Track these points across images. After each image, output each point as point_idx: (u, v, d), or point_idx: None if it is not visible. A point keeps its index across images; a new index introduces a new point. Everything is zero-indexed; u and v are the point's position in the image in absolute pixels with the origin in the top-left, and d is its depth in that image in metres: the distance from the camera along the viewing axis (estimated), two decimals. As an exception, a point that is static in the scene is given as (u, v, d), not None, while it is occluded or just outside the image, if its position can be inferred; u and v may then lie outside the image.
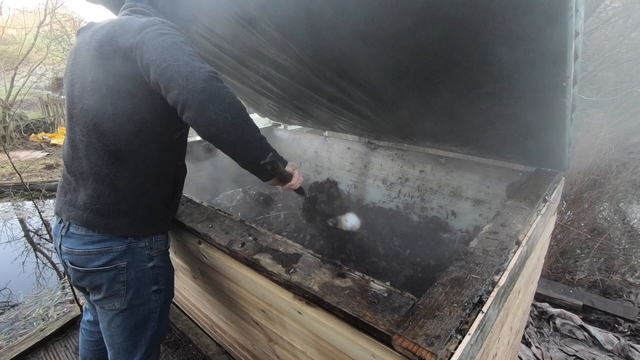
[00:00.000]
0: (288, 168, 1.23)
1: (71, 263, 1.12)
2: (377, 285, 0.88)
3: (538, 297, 2.76)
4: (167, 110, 1.04)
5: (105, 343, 1.25)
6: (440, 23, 0.97)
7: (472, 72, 1.11)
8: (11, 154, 5.77)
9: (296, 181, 1.24)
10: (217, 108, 0.94)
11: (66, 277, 1.26)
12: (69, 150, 1.14)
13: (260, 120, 3.05)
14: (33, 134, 7.95)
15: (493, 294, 0.83)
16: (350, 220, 1.47)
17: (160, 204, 1.19)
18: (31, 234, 4.43)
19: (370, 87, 1.49)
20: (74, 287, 1.35)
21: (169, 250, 1.57)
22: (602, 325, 2.59)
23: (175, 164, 1.22)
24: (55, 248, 1.19)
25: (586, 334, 2.42)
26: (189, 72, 0.92)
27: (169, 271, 1.29)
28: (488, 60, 1.03)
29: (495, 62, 1.02)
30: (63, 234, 1.13)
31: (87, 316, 1.48)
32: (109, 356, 1.26)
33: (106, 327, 1.21)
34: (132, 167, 1.09)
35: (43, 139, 7.76)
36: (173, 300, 2.30)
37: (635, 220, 3.76)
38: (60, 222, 1.16)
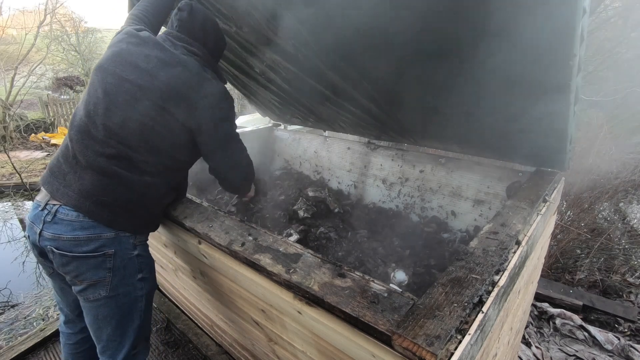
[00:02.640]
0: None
1: (57, 248, 1.12)
2: (377, 285, 0.88)
3: (538, 297, 2.76)
4: (191, 150, 1.30)
5: (93, 337, 1.26)
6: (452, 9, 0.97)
7: (477, 59, 1.11)
8: (11, 154, 5.77)
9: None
10: (240, 190, 1.59)
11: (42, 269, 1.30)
12: (82, 139, 1.15)
13: (260, 120, 3.05)
14: (33, 134, 7.95)
15: (493, 294, 0.83)
16: (399, 277, 1.61)
17: (158, 209, 1.32)
18: (31, 234, 4.43)
19: (377, 77, 1.48)
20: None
21: (165, 251, 1.58)
22: (602, 325, 2.59)
23: (182, 182, 1.41)
24: (29, 235, 1.18)
25: (586, 334, 2.42)
26: (234, 151, 1.39)
27: (151, 261, 1.33)
28: (492, 41, 1.01)
29: (499, 42, 1.00)
30: (48, 220, 1.12)
31: (62, 318, 1.48)
32: (97, 350, 1.27)
33: (93, 321, 1.21)
34: (151, 179, 1.21)
35: (43, 139, 7.76)
36: (173, 300, 2.30)
37: (635, 220, 3.76)
38: (42, 209, 1.14)
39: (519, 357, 2.25)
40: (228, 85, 2.60)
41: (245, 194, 1.69)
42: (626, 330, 2.54)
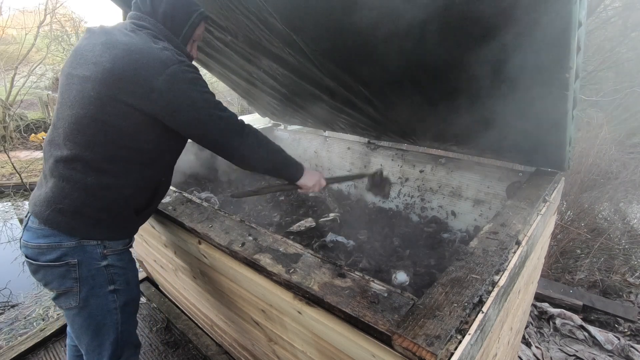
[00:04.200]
0: (306, 176, 1.41)
1: (26, 256, 1.13)
2: (377, 285, 0.88)
3: (538, 297, 2.76)
4: (163, 137, 1.14)
5: (76, 343, 1.26)
6: (447, 15, 0.97)
7: (474, 66, 1.11)
8: (11, 154, 5.76)
9: (306, 189, 1.45)
10: (251, 153, 1.21)
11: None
12: (48, 147, 1.14)
13: (260, 120, 3.05)
14: (33, 134, 7.94)
15: (493, 294, 0.83)
16: (400, 277, 1.60)
17: (131, 213, 1.20)
18: (31, 234, 4.43)
19: (373, 82, 1.49)
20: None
21: (165, 251, 1.56)
22: (602, 325, 2.59)
23: (159, 180, 1.25)
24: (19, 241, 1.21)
25: (586, 334, 2.42)
26: (225, 128, 1.14)
27: (128, 272, 1.25)
28: (489, 51, 1.02)
29: (497, 52, 1.01)
30: (24, 227, 1.16)
31: None
32: (83, 355, 1.27)
33: (71, 329, 1.22)
34: (111, 179, 1.11)
35: (43, 139, 7.75)
36: (173, 300, 2.30)
37: (635, 220, 3.76)
38: (26, 215, 1.17)
39: (519, 357, 2.25)
40: (227, 88, 2.61)
41: (265, 163, 1.28)
42: (626, 330, 2.54)
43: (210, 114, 1.09)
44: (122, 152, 1.09)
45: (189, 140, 1.25)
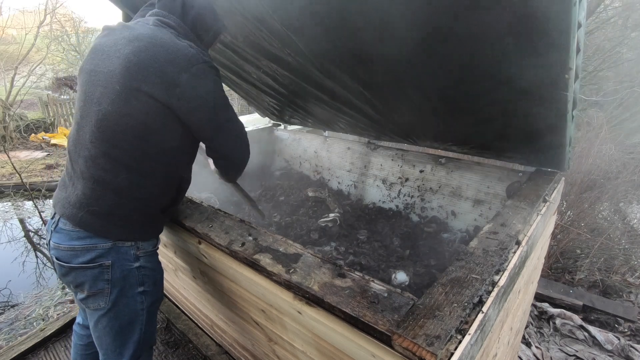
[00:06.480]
0: None
1: (57, 258, 1.12)
2: (377, 285, 0.88)
3: (538, 297, 2.76)
4: (184, 134, 1.16)
5: (95, 343, 1.25)
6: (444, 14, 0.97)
7: (474, 67, 1.11)
8: (11, 154, 5.76)
9: None
10: (242, 168, 1.40)
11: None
12: (75, 147, 1.13)
13: (260, 120, 3.05)
14: (33, 134, 7.95)
15: (493, 294, 0.83)
16: (400, 277, 1.61)
17: (158, 211, 1.22)
18: (31, 234, 4.44)
19: (373, 82, 1.49)
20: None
21: (165, 251, 1.56)
22: (602, 325, 2.59)
23: (181, 177, 1.27)
24: (47, 244, 1.19)
25: (586, 334, 2.42)
26: (237, 136, 1.27)
27: (156, 273, 1.27)
28: (490, 52, 1.02)
29: (497, 53, 1.01)
30: (52, 229, 1.13)
31: (78, 318, 1.47)
32: (99, 356, 1.26)
33: (94, 328, 1.21)
34: (140, 179, 1.12)
35: (43, 139, 7.76)
36: (173, 300, 2.30)
37: (635, 220, 3.76)
38: (52, 218, 1.16)
39: (519, 357, 2.25)
40: (226, 87, 2.61)
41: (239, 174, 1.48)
42: (626, 330, 2.54)
43: (228, 118, 1.20)
44: (148, 150, 1.10)
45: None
